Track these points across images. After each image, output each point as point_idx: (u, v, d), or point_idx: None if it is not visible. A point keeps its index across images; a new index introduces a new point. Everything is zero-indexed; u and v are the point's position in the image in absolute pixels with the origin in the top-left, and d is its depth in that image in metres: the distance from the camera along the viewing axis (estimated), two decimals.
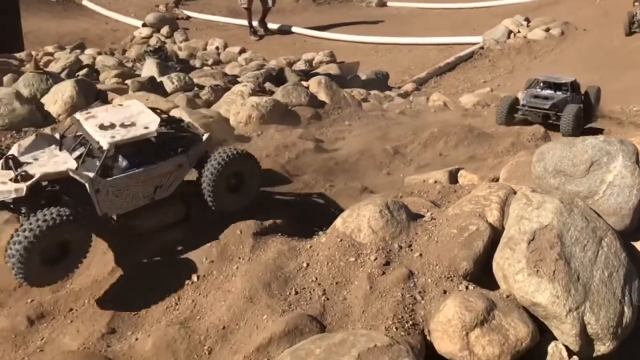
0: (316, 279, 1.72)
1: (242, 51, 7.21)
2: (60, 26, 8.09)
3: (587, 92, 4.01)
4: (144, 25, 7.99)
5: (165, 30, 7.91)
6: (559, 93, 3.85)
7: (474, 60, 6.85)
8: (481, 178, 2.37)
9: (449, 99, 4.42)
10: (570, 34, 7.19)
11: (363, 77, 5.18)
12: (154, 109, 2.05)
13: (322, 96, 3.51)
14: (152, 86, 3.44)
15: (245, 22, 8.20)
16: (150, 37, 7.82)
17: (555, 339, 1.58)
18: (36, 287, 1.69)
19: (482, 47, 7.23)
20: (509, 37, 7.54)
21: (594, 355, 1.58)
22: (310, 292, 1.68)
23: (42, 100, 3.38)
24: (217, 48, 7.25)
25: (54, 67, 5.55)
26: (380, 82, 5.22)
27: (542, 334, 1.58)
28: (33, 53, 5.92)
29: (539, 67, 6.10)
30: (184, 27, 8.11)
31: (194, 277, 1.78)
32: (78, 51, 7.14)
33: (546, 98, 3.79)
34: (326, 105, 3.46)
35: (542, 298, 1.56)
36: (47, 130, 3.05)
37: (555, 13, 7.92)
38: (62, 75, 4.60)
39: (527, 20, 7.80)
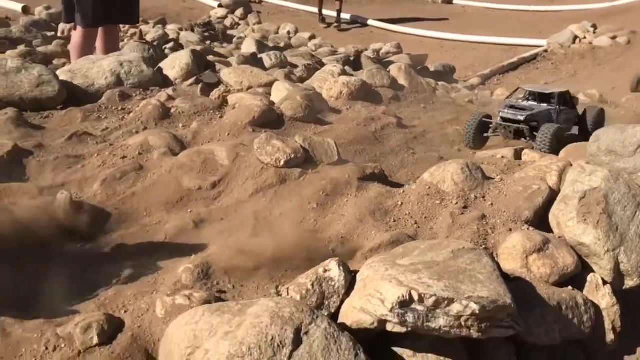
0: (409, 213, 2.33)
1: (312, 37, 7.86)
2: (142, 2, 8.91)
3: (585, 112, 3.54)
4: (220, 6, 8.75)
5: (239, 12, 8.65)
6: (543, 105, 3.31)
7: (537, 62, 7.26)
8: (542, 157, 2.91)
9: None
10: (637, 43, 7.49)
11: (431, 69, 5.72)
12: None
13: (402, 80, 4.10)
14: (254, 61, 4.11)
15: (314, 10, 8.86)
16: (225, 17, 8.58)
17: (593, 272, 2.12)
18: None
19: (546, 50, 7.63)
20: (574, 42, 7.90)
21: (623, 287, 2.11)
22: (405, 221, 2.28)
23: (161, 65, 4.11)
24: (288, 32, 7.92)
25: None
26: (447, 74, 5.76)
27: (584, 269, 2.13)
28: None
29: (602, 74, 6.48)
30: (257, 11, 8.83)
31: (314, 204, 2.41)
32: (160, 26, 7.98)
33: (523, 109, 3.22)
34: (405, 89, 4.05)
35: (587, 239, 2.10)
36: (169, 90, 3.73)
37: (624, 21, 8.20)
38: None
39: (594, 26, 8.12)
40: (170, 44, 6.64)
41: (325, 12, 8.60)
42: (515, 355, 1.87)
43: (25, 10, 7.33)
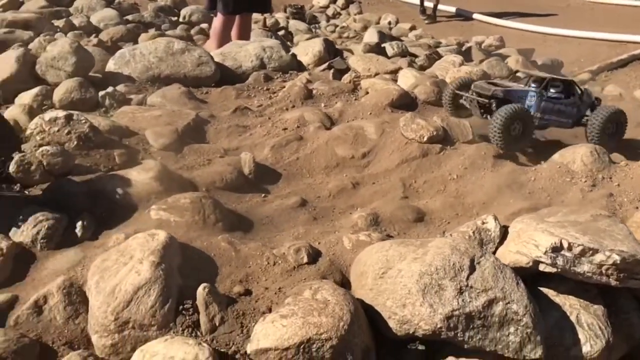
0: (542, 187, 2.74)
1: (413, 28, 8.25)
2: None
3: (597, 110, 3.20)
4: None
5: (341, 2, 9.19)
6: (528, 88, 3.12)
7: None
8: None
9: (624, 91, 5.11)
10: None
11: (539, 62, 5.98)
12: None
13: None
14: (378, 50, 4.61)
15: (414, 1, 9.24)
16: (327, 7, 9.16)
17: None
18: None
19: None
20: None
21: None
22: (538, 194, 2.71)
23: (294, 51, 4.71)
24: (389, 23, 8.35)
25: (255, 26, 7.00)
26: (554, 69, 5.98)
27: None
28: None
29: None
30: (358, 1, 9.33)
31: (454, 175, 2.87)
32: (267, 14, 8.66)
33: (498, 86, 3.10)
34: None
35: None
36: (305, 74, 4.31)
37: None
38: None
39: None
40: (282, 32, 7.29)
41: (427, 4, 8.93)
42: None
43: None
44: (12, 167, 2.48)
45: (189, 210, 2.39)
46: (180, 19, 7.44)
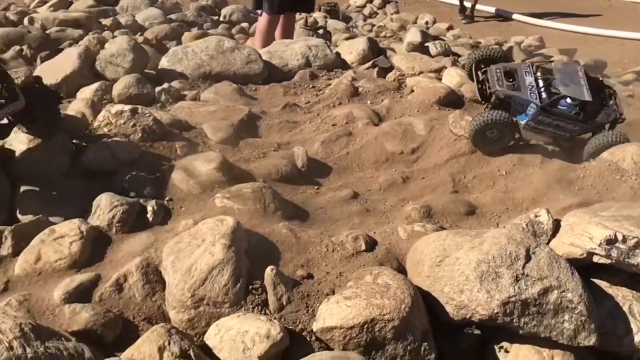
0: (591, 184, 2.81)
1: (450, 28, 8.30)
2: None
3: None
4: None
5: (377, 1, 9.29)
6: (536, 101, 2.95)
7: None
8: None
9: None
10: None
11: (582, 62, 5.97)
12: None
13: None
14: (421, 49, 4.71)
15: (451, 0, 9.28)
16: (364, 6, 9.27)
17: None
18: None
19: None
20: None
21: None
22: (588, 191, 2.78)
23: (338, 49, 4.84)
24: (426, 23, 8.42)
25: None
26: (597, 69, 5.97)
27: None
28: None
29: None
30: (395, 1, 9.42)
31: (503, 172, 2.96)
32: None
33: (512, 79, 3.05)
34: None
35: None
36: (350, 72, 4.43)
37: None
38: None
39: None
40: (320, 31, 7.43)
41: (467, 4, 8.95)
42: None
43: None
44: (87, 157, 2.69)
45: (250, 199, 2.55)
46: (221, 18, 7.66)
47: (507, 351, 2.07)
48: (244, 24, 7.38)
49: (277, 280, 2.05)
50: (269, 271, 2.07)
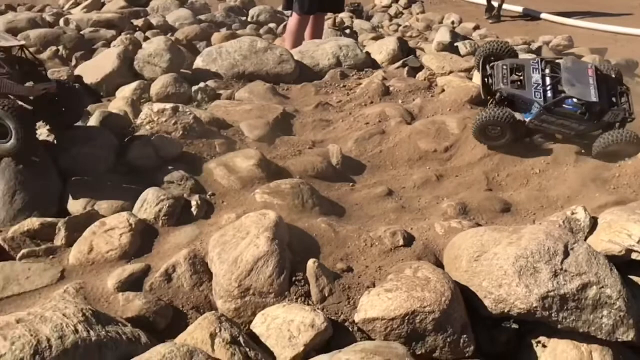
0: (627, 183, 2.83)
1: (477, 28, 8.28)
2: None
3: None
4: None
5: (403, 1, 9.31)
6: (540, 102, 2.92)
7: None
8: None
9: None
10: None
11: (613, 62, 5.93)
12: None
13: None
14: (451, 48, 4.76)
15: (477, 0, 9.26)
16: (389, 6, 9.30)
17: None
18: None
19: None
20: None
21: None
22: (624, 190, 2.80)
23: (368, 49, 4.91)
24: (452, 23, 8.41)
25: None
26: (629, 68, 5.92)
27: None
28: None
29: None
30: (421, 0, 9.43)
31: (537, 170, 2.99)
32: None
33: (518, 74, 3.05)
34: None
35: None
36: (380, 72, 4.50)
37: None
38: None
39: None
40: (347, 31, 7.50)
41: (495, 3, 8.91)
42: None
43: None
44: (132, 153, 2.80)
45: (289, 194, 2.63)
46: (249, 19, 7.78)
47: (544, 346, 2.11)
48: (272, 25, 7.49)
49: (319, 273, 2.13)
50: (312, 264, 2.15)
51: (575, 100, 2.94)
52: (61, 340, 1.61)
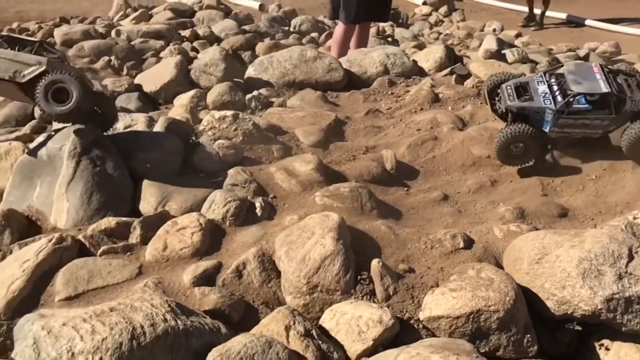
0: None
1: (519, 35, 8.28)
2: None
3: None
4: (424, 3, 9.57)
5: (443, 10, 9.38)
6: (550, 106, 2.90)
7: None
8: None
9: None
10: None
11: None
12: None
13: None
14: (498, 56, 4.81)
15: (518, 7, 9.26)
16: (429, 15, 9.38)
17: None
18: None
19: None
20: None
21: None
22: None
23: (415, 57, 5.00)
24: (494, 30, 8.42)
25: None
26: None
27: None
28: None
29: None
30: (461, 9, 9.48)
31: (593, 176, 3.02)
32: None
33: (525, 93, 3.03)
34: None
35: None
36: (428, 79, 4.58)
37: None
38: None
39: None
40: (389, 39, 7.61)
41: (537, 11, 8.90)
42: None
43: (261, 8, 8.88)
44: (196, 157, 2.97)
45: (348, 197, 2.73)
46: (291, 29, 7.97)
47: (607, 349, 2.14)
48: (314, 34, 7.66)
49: (383, 272, 2.22)
50: (376, 263, 2.24)
51: (588, 97, 2.91)
52: (153, 328, 1.75)
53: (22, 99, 3.00)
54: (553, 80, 3.09)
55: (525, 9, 9.16)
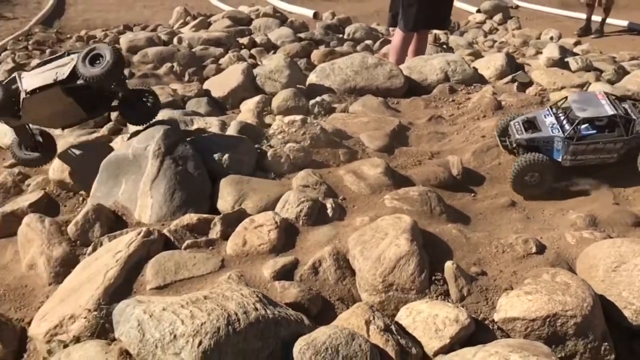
0: None
1: (577, 43, 8.14)
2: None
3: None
4: (478, 11, 9.55)
5: (498, 17, 9.32)
6: (561, 123, 3.01)
7: None
8: None
9: None
10: None
11: None
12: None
13: None
14: (561, 64, 4.79)
15: (575, 14, 9.10)
16: (483, 22, 9.34)
17: None
18: None
19: None
20: None
21: None
22: None
23: (475, 64, 5.03)
24: (551, 38, 8.31)
25: None
26: None
27: None
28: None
29: None
30: (516, 16, 9.40)
31: None
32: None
33: (533, 128, 3.12)
34: None
35: None
36: (489, 87, 4.60)
37: None
38: None
39: None
40: (444, 46, 7.63)
41: (595, 17, 8.73)
42: None
43: (316, 16, 9.07)
44: (268, 160, 3.11)
45: (417, 201, 2.81)
46: (346, 37, 8.11)
47: None
48: (368, 42, 7.77)
49: (457, 274, 2.28)
50: (450, 265, 2.31)
51: (596, 123, 2.98)
52: (246, 315, 1.87)
53: (74, 114, 3.17)
54: (560, 112, 3.15)
55: (582, 16, 8.99)
